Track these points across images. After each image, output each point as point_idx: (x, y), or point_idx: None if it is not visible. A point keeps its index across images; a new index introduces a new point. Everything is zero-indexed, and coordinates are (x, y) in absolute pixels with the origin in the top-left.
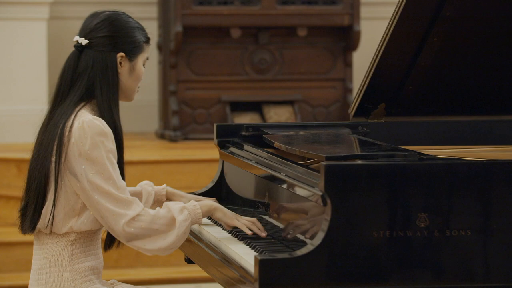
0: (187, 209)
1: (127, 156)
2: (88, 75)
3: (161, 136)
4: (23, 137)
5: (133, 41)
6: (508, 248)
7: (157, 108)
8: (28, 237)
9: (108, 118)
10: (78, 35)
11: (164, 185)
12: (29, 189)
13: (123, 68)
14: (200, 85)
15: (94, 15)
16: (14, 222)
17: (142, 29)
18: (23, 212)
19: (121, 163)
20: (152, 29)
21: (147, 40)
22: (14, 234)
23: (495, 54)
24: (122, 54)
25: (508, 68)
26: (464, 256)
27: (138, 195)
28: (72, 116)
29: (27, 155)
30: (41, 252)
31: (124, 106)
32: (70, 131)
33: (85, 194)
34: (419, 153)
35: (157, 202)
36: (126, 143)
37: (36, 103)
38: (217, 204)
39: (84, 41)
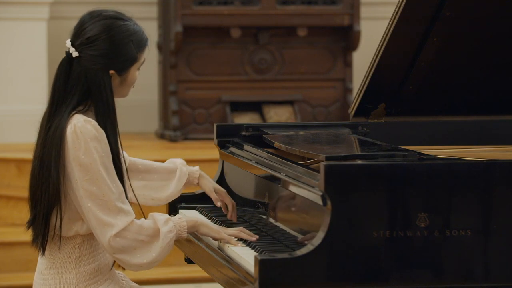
0: (172, 221)
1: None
2: (82, 88)
3: (161, 136)
4: (23, 137)
5: (125, 58)
6: (508, 248)
7: (157, 108)
8: (28, 237)
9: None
10: (70, 40)
11: (197, 167)
12: (36, 204)
13: (114, 82)
14: (200, 85)
15: (90, 19)
16: (14, 222)
17: (137, 36)
18: (32, 223)
19: (123, 187)
20: (152, 29)
21: (143, 47)
22: (14, 234)
23: (495, 54)
24: (112, 71)
25: (508, 68)
26: (464, 256)
27: (172, 173)
28: (66, 123)
29: (27, 155)
30: (48, 253)
31: (124, 106)
32: (64, 137)
33: (78, 200)
34: (419, 153)
35: (188, 183)
36: (126, 143)
37: (36, 103)
38: (201, 220)
39: (75, 53)
